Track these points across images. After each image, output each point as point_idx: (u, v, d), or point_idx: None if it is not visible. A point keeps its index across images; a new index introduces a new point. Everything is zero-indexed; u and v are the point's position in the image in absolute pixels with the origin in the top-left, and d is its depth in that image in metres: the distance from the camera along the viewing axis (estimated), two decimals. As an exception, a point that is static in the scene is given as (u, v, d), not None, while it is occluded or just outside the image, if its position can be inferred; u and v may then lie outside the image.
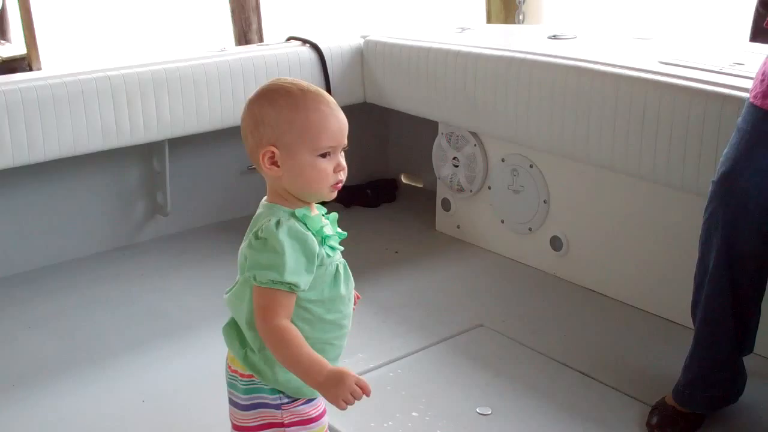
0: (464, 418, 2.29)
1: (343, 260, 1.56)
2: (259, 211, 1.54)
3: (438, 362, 2.59)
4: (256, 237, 1.46)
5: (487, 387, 2.44)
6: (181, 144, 3.41)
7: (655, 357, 2.59)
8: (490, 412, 2.31)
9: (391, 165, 4.18)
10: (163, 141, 3.31)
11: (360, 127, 4.05)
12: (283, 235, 1.43)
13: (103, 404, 2.41)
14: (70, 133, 2.98)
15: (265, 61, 3.41)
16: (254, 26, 6.70)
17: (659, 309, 2.81)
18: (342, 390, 1.41)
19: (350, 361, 2.54)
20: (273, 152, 1.47)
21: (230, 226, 3.46)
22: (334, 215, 1.59)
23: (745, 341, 2.17)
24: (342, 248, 1.55)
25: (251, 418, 1.56)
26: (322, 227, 1.50)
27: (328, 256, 1.50)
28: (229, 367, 1.60)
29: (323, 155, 1.48)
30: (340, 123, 1.50)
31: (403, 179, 4.18)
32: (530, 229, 3.20)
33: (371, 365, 2.55)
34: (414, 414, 2.31)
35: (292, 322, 1.48)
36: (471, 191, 3.40)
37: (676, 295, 2.68)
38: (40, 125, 2.91)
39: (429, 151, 3.57)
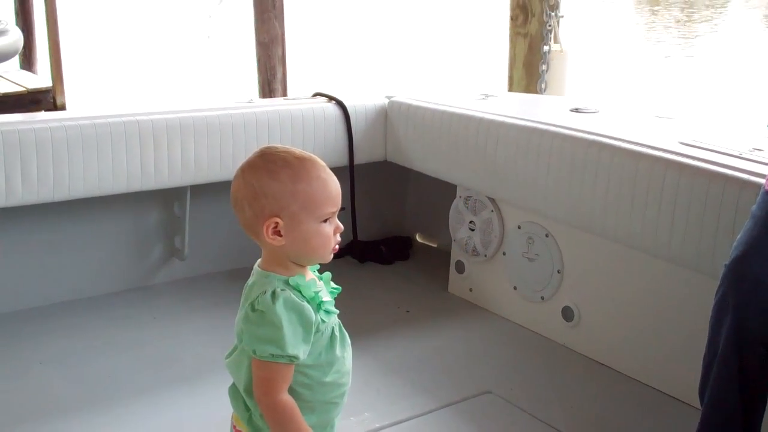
0: (468, 485, 2.29)
1: (337, 321, 1.58)
2: (252, 279, 1.54)
3: (444, 427, 2.59)
4: (253, 309, 1.47)
5: (491, 455, 2.44)
6: (203, 190, 3.46)
7: (662, 435, 2.59)
8: (494, 481, 2.31)
9: (407, 223, 4.21)
10: (185, 187, 3.37)
11: (379, 185, 4.12)
12: (280, 307, 1.45)
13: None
14: (96, 174, 3.04)
15: (291, 114, 3.47)
16: (279, 76, 6.80)
17: (668, 387, 2.81)
18: None
19: (356, 420, 2.55)
20: (277, 223, 1.48)
21: (245, 274, 3.41)
22: (327, 275, 1.61)
23: (752, 426, 2.17)
24: (338, 311, 1.57)
25: None
26: (317, 293, 1.52)
27: (323, 321, 1.52)
28: (234, 426, 1.61)
29: (325, 220, 1.52)
30: (337, 187, 1.55)
31: (418, 238, 4.21)
32: (542, 298, 3.22)
33: (377, 425, 2.56)
34: (418, 477, 2.31)
35: (292, 387, 1.50)
36: (485, 256, 3.43)
37: (685, 374, 2.68)
38: (67, 164, 2.97)
39: (446, 212, 3.61)
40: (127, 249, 3.50)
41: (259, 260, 1.56)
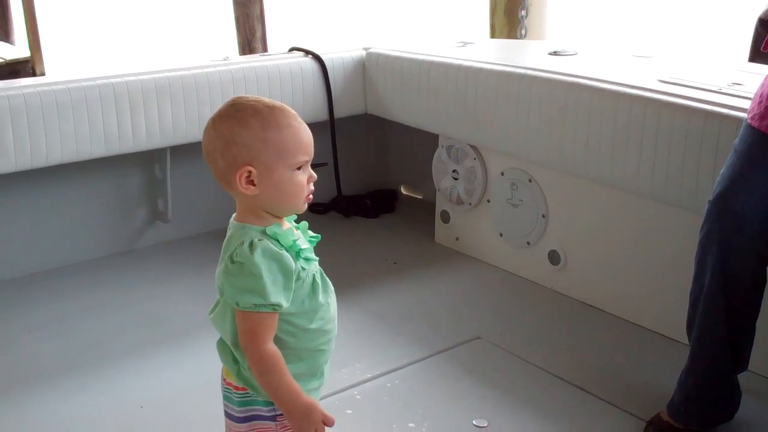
0: (461, 429, 2.31)
1: (318, 268, 1.58)
2: (229, 232, 1.54)
3: (435, 374, 2.60)
4: (232, 261, 1.47)
5: (483, 399, 2.46)
6: (183, 151, 3.43)
7: (651, 372, 2.61)
8: (486, 425, 2.31)
9: (391, 176, 4.20)
10: (165, 148, 3.34)
11: (361, 138, 4.10)
12: (258, 257, 1.44)
13: (102, 409, 2.43)
14: (73, 139, 3.00)
15: (267, 70, 3.43)
16: (258, 35, 6.73)
17: (655, 324, 2.83)
18: (308, 424, 1.50)
19: (347, 370, 2.56)
20: (250, 171, 1.47)
21: None
22: (304, 224, 1.60)
23: (739, 359, 2.19)
24: (317, 258, 1.57)
25: (246, 430, 1.58)
26: (295, 241, 1.51)
27: (303, 269, 1.52)
28: (224, 380, 1.61)
29: (298, 168, 1.51)
30: (309, 135, 1.53)
31: (403, 190, 4.20)
32: (528, 243, 3.22)
33: (368, 375, 2.57)
34: (411, 425, 2.32)
35: (278, 336, 1.51)
36: (470, 204, 3.42)
37: (671, 311, 2.69)
38: (43, 131, 2.93)
39: (429, 163, 3.59)
40: (110, 214, 3.48)
41: (235, 214, 1.55)
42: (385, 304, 3.05)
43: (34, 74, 6.90)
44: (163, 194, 3.49)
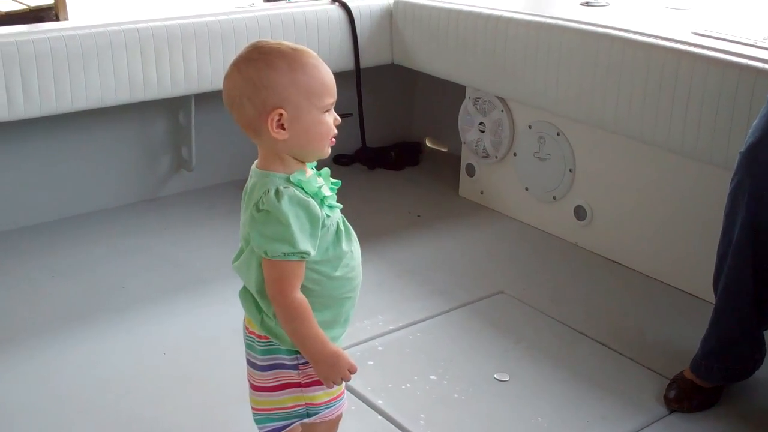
0: (482, 383, 2.30)
1: (341, 215, 1.55)
2: (252, 180, 1.50)
3: (458, 327, 2.59)
4: (258, 210, 1.44)
5: (505, 353, 2.45)
6: (207, 99, 3.40)
7: (675, 330, 2.59)
8: (507, 379, 2.31)
9: (416, 128, 4.16)
10: (189, 96, 3.31)
11: (386, 89, 4.05)
12: (285, 204, 1.42)
13: (125, 354, 2.44)
14: (98, 85, 2.98)
15: (293, 17, 3.38)
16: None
17: (681, 282, 2.80)
18: (334, 372, 1.51)
19: (370, 322, 2.55)
20: (281, 114, 1.43)
21: None
22: (326, 170, 1.56)
23: (766, 314, 2.16)
24: (341, 206, 1.54)
25: (269, 379, 1.57)
26: (319, 188, 1.49)
27: (328, 216, 1.49)
28: (247, 328, 1.60)
29: (326, 111, 1.48)
30: (332, 78, 1.49)
31: (428, 143, 4.16)
32: (554, 198, 3.18)
33: (391, 327, 2.56)
34: (432, 377, 2.32)
35: (303, 284, 1.49)
36: (496, 157, 3.38)
37: (698, 269, 2.66)
38: (68, 76, 2.91)
39: (455, 115, 3.55)
40: (134, 161, 3.47)
41: (256, 161, 1.52)
42: (408, 256, 3.04)
43: (57, 21, 6.85)
44: (187, 142, 3.48)
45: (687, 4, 3.34)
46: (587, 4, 3.31)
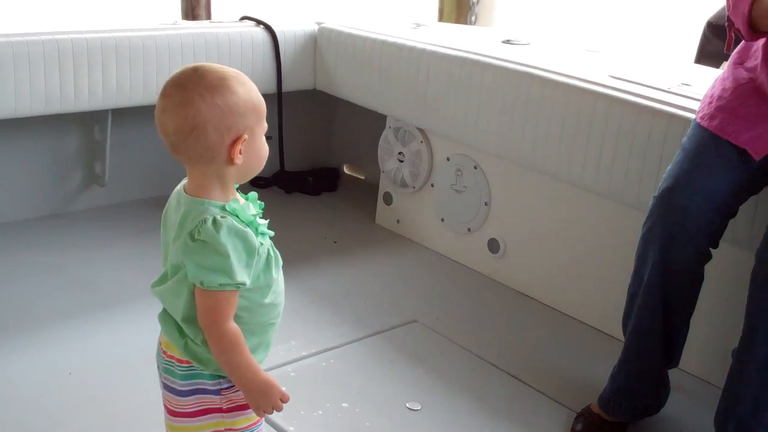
0: (394, 411, 2.30)
1: (269, 241, 1.53)
2: (183, 208, 1.44)
3: (371, 355, 2.59)
4: (192, 239, 1.40)
5: (418, 382, 2.46)
6: (125, 115, 3.35)
7: (583, 365, 2.64)
8: (419, 408, 2.32)
9: (335, 154, 4.17)
10: (107, 110, 3.25)
11: (307, 114, 4.05)
12: (224, 236, 1.39)
13: (29, 374, 2.35)
14: (12, 95, 2.90)
15: (217, 38, 3.36)
16: (203, 2, 6.61)
17: (590, 318, 2.86)
18: (266, 401, 1.49)
19: (283, 348, 2.53)
20: (245, 138, 1.41)
21: (165, 203, 3.41)
22: (253, 194, 1.54)
23: (672, 354, 2.23)
24: (272, 233, 1.52)
25: (189, 404, 1.53)
26: (254, 217, 1.47)
27: (261, 244, 1.48)
28: (165, 352, 1.55)
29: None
30: None
31: (345, 170, 4.17)
32: (469, 230, 3.22)
33: (304, 353, 2.54)
34: (344, 405, 2.31)
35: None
36: (414, 187, 3.41)
37: (607, 306, 2.73)
38: (-20, 83, 2.83)
39: (374, 143, 3.57)
40: (45, 174, 3.38)
41: (183, 185, 1.49)
42: (323, 282, 3.03)
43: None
44: (101, 157, 3.41)
45: (601, 47, 3.44)
46: (508, 42, 3.38)
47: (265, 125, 1.48)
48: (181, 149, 1.42)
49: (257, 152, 1.47)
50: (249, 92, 1.44)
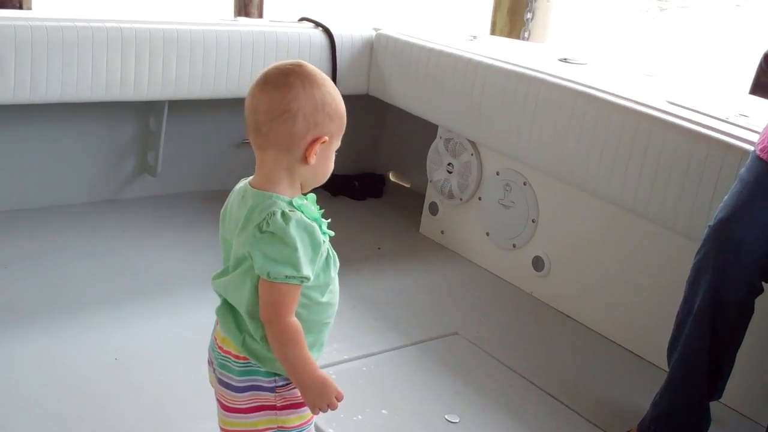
0: (433, 422, 2.31)
1: (328, 242, 1.55)
2: (250, 201, 1.47)
3: (411, 364, 2.60)
4: (261, 231, 1.42)
5: (456, 395, 2.46)
6: (181, 107, 3.39)
7: (622, 390, 2.63)
8: (458, 421, 2.32)
9: (382, 161, 4.18)
10: (163, 101, 3.30)
11: (358, 119, 4.02)
12: (293, 228, 1.42)
13: (73, 356, 2.39)
14: (74, 79, 2.95)
15: (276, 37, 3.39)
16: (256, 0, 6.67)
17: (629, 343, 2.85)
18: (322, 398, 1.51)
19: (325, 351, 2.53)
20: (325, 141, 1.46)
21: (216, 196, 3.37)
22: (312, 196, 1.56)
23: (716, 386, 2.21)
24: (333, 233, 1.54)
25: (244, 400, 1.55)
26: (319, 215, 1.50)
27: (324, 242, 1.50)
28: (221, 348, 1.56)
29: None
30: None
31: (391, 177, 4.19)
32: (514, 246, 3.22)
33: (345, 357, 2.56)
34: (384, 411, 2.32)
35: None
36: (461, 199, 3.42)
37: (649, 333, 2.72)
38: (45, 67, 2.88)
39: (422, 152, 3.58)
40: (99, 160, 3.43)
41: (248, 180, 1.52)
42: (366, 288, 3.04)
43: (20, 5, 6.75)
44: (155, 148, 3.45)
45: (658, 72, 3.43)
46: (565, 60, 3.38)
47: (339, 142, 1.51)
48: (265, 129, 1.45)
49: (327, 161, 1.50)
50: (340, 102, 1.49)
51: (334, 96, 1.48)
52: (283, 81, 1.45)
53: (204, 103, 3.37)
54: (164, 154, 3.45)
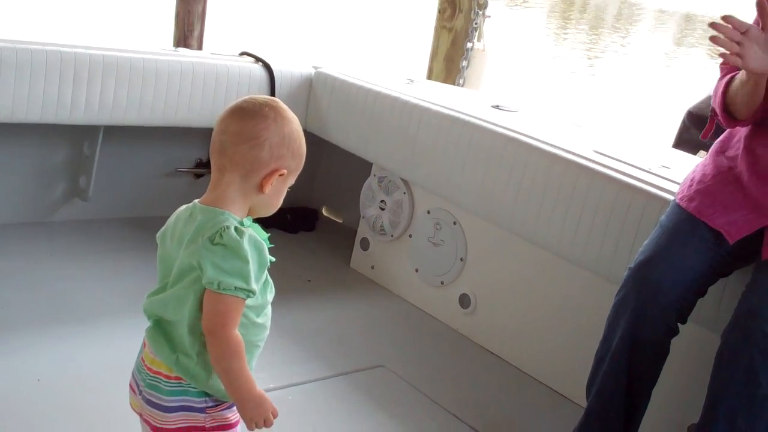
0: (356, 452, 2.34)
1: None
2: (200, 218, 1.51)
3: (335, 395, 2.63)
4: (212, 242, 1.46)
5: (380, 426, 2.49)
6: (116, 133, 3.39)
7: (543, 425, 2.70)
8: (380, 451, 2.36)
9: (315, 195, 4.22)
10: (99, 126, 3.29)
11: (294, 153, 4.10)
12: (246, 242, 1.46)
13: (-3, 377, 2.37)
14: (10, 100, 2.94)
15: (217, 69, 3.43)
16: (196, 33, 6.70)
17: (551, 381, 2.92)
18: (259, 413, 1.53)
19: (251, 378, 2.55)
20: (282, 174, 1.52)
21: (146, 224, 3.37)
22: (256, 224, 1.62)
23: (631, 422, 2.29)
24: (274, 259, 1.58)
25: (174, 420, 1.55)
26: (266, 238, 1.55)
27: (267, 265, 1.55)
28: (149, 369, 1.57)
29: None
30: None
31: (324, 211, 4.23)
32: (442, 283, 3.29)
33: (270, 385, 2.56)
34: (307, 440, 2.34)
35: None
36: (392, 236, 3.48)
37: (569, 372, 2.79)
38: (-19, 85, 2.86)
39: (355, 188, 3.64)
40: (31, 182, 3.40)
41: (199, 200, 1.55)
42: (293, 319, 3.06)
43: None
44: (87, 172, 3.43)
45: (585, 122, 3.56)
46: (497, 107, 3.48)
47: (294, 180, 1.58)
48: (231, 152, 1.50)
49: (279, 194, 1.57)
50: (303, 143, 1.57)
51: (300, 136, 1.55)
52: (258, 110, 1.52)
53: (140, 130, 3.38)
54: (96, 178, 3.44)
